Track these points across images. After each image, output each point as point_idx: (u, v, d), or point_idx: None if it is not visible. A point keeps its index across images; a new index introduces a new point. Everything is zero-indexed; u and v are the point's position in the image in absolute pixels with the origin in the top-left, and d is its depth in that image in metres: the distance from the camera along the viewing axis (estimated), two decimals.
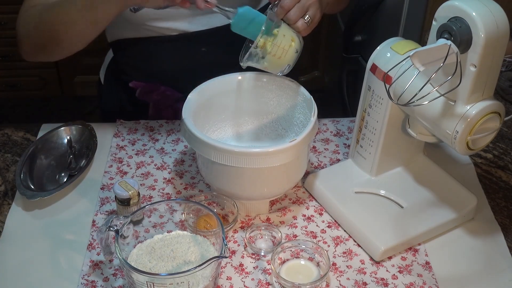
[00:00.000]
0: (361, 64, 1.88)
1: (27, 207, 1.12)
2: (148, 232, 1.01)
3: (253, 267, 1.02)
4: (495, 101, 0.93)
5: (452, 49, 0.86)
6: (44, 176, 1.18)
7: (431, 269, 1.02)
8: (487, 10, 0.85)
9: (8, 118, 2.72)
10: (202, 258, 0.97)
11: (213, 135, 1.17)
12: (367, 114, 1.09)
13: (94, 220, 1.10)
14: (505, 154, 1.25)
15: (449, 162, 1.22)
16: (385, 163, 1.13)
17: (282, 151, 0.98)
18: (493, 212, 1.12)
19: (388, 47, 1.04)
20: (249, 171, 1.00)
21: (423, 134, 1.05)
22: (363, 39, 1.88)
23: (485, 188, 1.17)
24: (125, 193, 1.03)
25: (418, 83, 0.89)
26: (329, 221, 1.10)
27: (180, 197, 1.14)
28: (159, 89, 1.37)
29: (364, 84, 1.09)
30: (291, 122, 1.15)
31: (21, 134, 1.29)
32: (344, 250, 1.05)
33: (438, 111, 0.95)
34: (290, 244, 1.02)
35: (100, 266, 1.01)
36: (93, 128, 1.25)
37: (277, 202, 1.14)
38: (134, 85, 1.38)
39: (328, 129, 1.32)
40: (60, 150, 1.22)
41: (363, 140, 1.13)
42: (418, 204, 1.09)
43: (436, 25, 0.91)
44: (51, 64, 2.64)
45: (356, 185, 1.13)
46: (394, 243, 1.02)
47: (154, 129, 1.31)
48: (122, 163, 1.22)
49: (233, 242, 1.06)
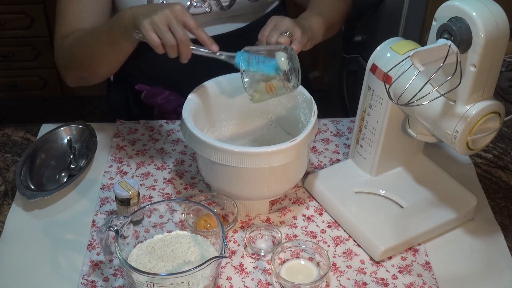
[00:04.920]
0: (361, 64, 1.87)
1: (27, 207, 1.12)
2: (148, 232, 1.01)
3: (253, 267, 1.02)
4: (495, 101, 0.93)
5: (452, 49, 0.86)
6: (44, 176, 1.18)
7: (431, 269, 1.02)
8: (487, 10, 0.85)
9: (8, 118, 2.71)
10: (202, 258, 0.97)
11: (213, 135, 1.17)
12: (367, 114, 1.09)
13: (94, 220, 1.10)
14: (505, 154, 1.25)
15: (449, 162, 1.22)
16: (385, 163, 1.13)
17: (282, 151, 0.98)
18: (493, 212, 1.12)
19: (388, 47, 1.04)
20: (249, 171, 1.00)
21: (423, 134, 1.05)
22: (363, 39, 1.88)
23: (485, 188, 1.17)
24: (125, 193, 1.03)
25: (418, 83, 0.89)
26: (329, 221, 1.10)
27: (180, 197, 1.14)
28: (164, 93, 1.38)
29: (364, 84, 1.08)
30: (291, 122, 1.15)
31: (21, 134, 1.29)
32: (344, 250, 1.05)
33: (438, 111, 0.95)
34: (290, 244, 1.02)
35: (100, 266, 1.01)
36: (93, 128, 1.25)
37: (277, 202, 1.14)
38: (139, 88, 1.40)
39: (328, 129, 1.32)
40: (60, 150, 1.22)
41: (363, 140, 1.13)
42: (418, 204, 1.09)
43: (436, 25, 0.91)
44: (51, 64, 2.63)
45: (356, 185, 1.13)
46: (394, 243, 1.02)
47: (154, 129, 1.31)
48: (122, 163, 1.22)
49: (233, 242, 1.06)
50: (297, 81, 1.05)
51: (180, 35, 1.01)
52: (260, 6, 1.34)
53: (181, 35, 1.01)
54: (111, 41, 1.13)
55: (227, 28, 1.34)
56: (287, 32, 1.08)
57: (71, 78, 1.29)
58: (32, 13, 2.48)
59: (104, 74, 1.26)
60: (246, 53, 1.04)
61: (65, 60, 1.25)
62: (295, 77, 1.04)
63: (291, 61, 1.03)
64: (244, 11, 1.33)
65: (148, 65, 1.37)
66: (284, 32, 1.07)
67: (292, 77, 1.03)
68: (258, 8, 1.34)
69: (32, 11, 2.47)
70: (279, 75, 1.02)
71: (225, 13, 1.30)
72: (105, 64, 1.20)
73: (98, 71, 1.23)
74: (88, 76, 1.26)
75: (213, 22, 1.32)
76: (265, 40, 1.09)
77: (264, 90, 1.05)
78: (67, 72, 1.27)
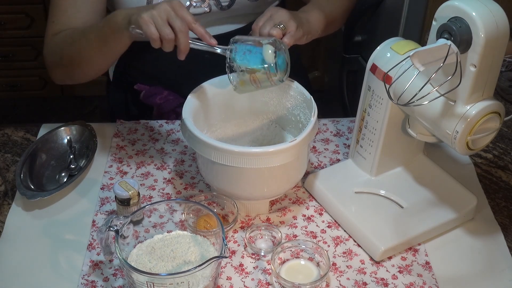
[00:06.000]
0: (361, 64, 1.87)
1: (27, 207, 1.12)
2: (148, 232, 1.01)
3: (253, 267, 1.02)
4: (495, 101, 0.93)
5: (452, 49, 0.86)
6: (44, 176, 1.18)
7: (431, 269, 1.02)
8: (487, 10, 0.85)
9: (8, 118, 2.71)
10: (202, 258, 0.97)
11: (213, 135, 1.17)
12: (367, 114, 1.09)
13: (94, 220, 1.10)
14: (505, 154, 1.25)
15: (449, 162, 1.22)
16: (385, 163, 1.13)
17: (282, 151, 0.98)
18: (493, 212, 1.12)
19: (388, 47, 1.04)
20: (249, 171, 1.00)
21: (423, 134, 1.05)
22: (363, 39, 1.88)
23: (485, 188, 1.17)
24: (125, 193, 1.03)
25: (418, 83, 0.89)
26: (329, 221, 1.10)
27: (180, 197, 1.14)
28: (162, 93, 1.38)
29: (364, 84, 1.08)
30: (291, 122, 1.15)
31: (21, 134, 1.29)
32: (344, 250, 1.05)
33: (438, 111, 0.95)
34: (290, 244, 1.02)
35: (100, 266, 1.01)
36: (93, 128, 1.25)
37: (277, 202, 1.14)
38: (138, 87, 1.40)
39: (328, 129, 1.32)
40: (60, 150, 1.22)
41: (363, 140, 1.13)
42: (418, 204, 1.09)
43: (436, 25, 0.91)
44: None
45: (356, 185, 1.13)
46: (394, 243, 1.02)
47: (154, 129, 1.31)
48: (122, 163, 1.22)
49: (233, 242, 1.06)
50: (284, 76, 1.04)
51: (179, 25, 1.00)
52: (260, 6, 1.34)
53: (180, 26, 1.00)
54: (101, 41, 1.13)
55: (227, 28, 1.34)
56: (281, 24, 1.07)
57: (58, 75, 1.28)
58: (32, 13, 2.48)
59: (92, 73, 1.24)
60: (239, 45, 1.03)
61: (54, 56, 1.24)
62: (282, 71, 1.03)
63: (278, 55, 1.02)
64: (244, 11, 1.33)
65: (147, 64, 1.37)
66: (278, 25, 1.07)
67: (277, 71, 1.02)
68: (258, 8, 1.34)
69: (32, 11, 2.48)
70: (263, 68, 1.02)
71: (225, 13, 1.30)
72: (93, 63, 1.20)
73: (86, 70, 1.23)
74: (75, 75, 1.25)
75: (213, 23, 1.32)
76: (258, 30, 1.08)
77: (248, 81, 1.04)
78: (55, 69, 1.26)
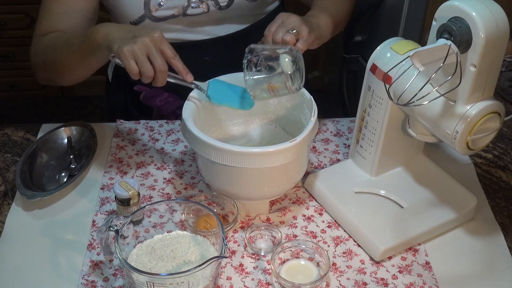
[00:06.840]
0: (361, 64, 1.87)
1: (27, 207, 1.12)
2: (148, 232, 1.01)
3: (253, 267, 1.02)
4: (495, 101, 0.93)
5: (452, 49, 0.86)
6: (44, 176, 1.18)
7: (431, 269, 1.02)
8: (487, 10, 0.85)
9: (8, 118, 2.71)
10: (202, 258, 0.97)
11: (213, 135, 1.17)
12: (367, 114, 1.09)
13: (94, 220, 1.10)
14: (505, 154, 1.25)
15: (449, 162, 1.22)
16: (385, 163, 1.13)
17: (282, 151, 0.98)
18: (493, 212, 1.12)
19: (388, 47, 1.04)
20: (249, 171, 1.00)
21: (423, 134, 1.05)
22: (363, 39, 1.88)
23: (485, 188, 1.17)
24: (125, 193, 1.03)
25: (418, 83, 0.89)
26: (329, 221, 1.10)
27: (180, 197, 1.14)
28: (162, 95, 1.38)
29: (364, 84, 1.08)
30: (291, 122, 1.15)
31: (21, 134, 1.29)
32: (344, 250, 1.05)
33: (438, 111, 0.95)
34: (290, 244, 1.02)
35: (100, 266, 1.01)
36: (93, 128, 1.25)
37: (277, 202, 1.14)
38: (138, 88, 1.39)
39: (328, 129, 1.32)
40: (60, 150, 1.22)
41: (363, 140, 1.13)
42: (418, 204, 1.09)
43: (436, 25, 0.91)
44: None
45: (356, 185, 1.13)
46: (394, 243, 1.02)
47: (154, 129, 1.31)
48: (122, 163, 1.22)
49: (233, 242, 1.06)
50: (300, 83, 1.04)
51: (159, 65, 1.01)
52: (259, 6, 1.34)
53: (160, 65, 1.01)
54: (81, 54, 1.13)
55: (227, 30, 1.34)
56: (294, 30, 1.06)
57: (41, 77, 1.29)
58: (32, 13, 2.48)
59: (74, 79, 1.24)
60: (217, 82, 1.04)
61: (38, 59, 1.24)
62: (298, 79, 1.03)
63: (295, 63, 1.02)
64: (242, 12, 1.32)
65: None
66: (291, 30, 1.06)
67: (295, 80, 1.03)
68: (257, 9, 1.34)
69: (32, 11, 2.47)
70: (281, 78, 1.02)
71: (223, 13, 1.30)
72: (75, 71, 1.20)
73: (68, 77, 1.23)
74: (57, 79, 1.26)
75: (212, 23, 1.32)
76: (271, 36, 1.07)
77: (267, 90, 1.05)
78: (38, 70, 1.27)
